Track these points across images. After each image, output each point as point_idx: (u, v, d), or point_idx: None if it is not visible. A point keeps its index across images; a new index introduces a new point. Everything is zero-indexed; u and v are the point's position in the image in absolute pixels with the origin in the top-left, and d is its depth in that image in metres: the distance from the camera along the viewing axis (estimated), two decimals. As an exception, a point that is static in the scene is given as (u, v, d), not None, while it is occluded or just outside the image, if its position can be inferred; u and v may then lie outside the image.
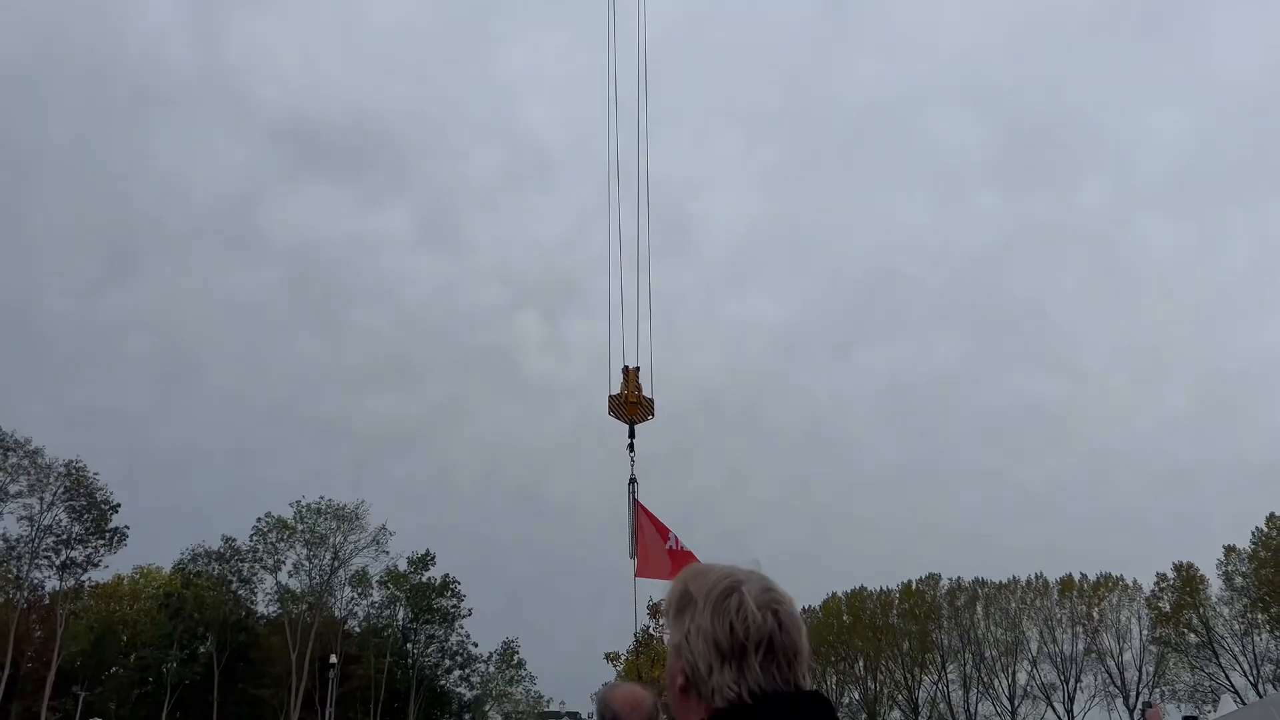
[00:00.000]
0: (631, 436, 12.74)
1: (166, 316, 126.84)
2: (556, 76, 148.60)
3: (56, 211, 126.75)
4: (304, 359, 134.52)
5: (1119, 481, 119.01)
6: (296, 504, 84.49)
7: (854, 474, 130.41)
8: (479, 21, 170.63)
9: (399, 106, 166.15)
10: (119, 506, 77.26)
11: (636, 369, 12.94)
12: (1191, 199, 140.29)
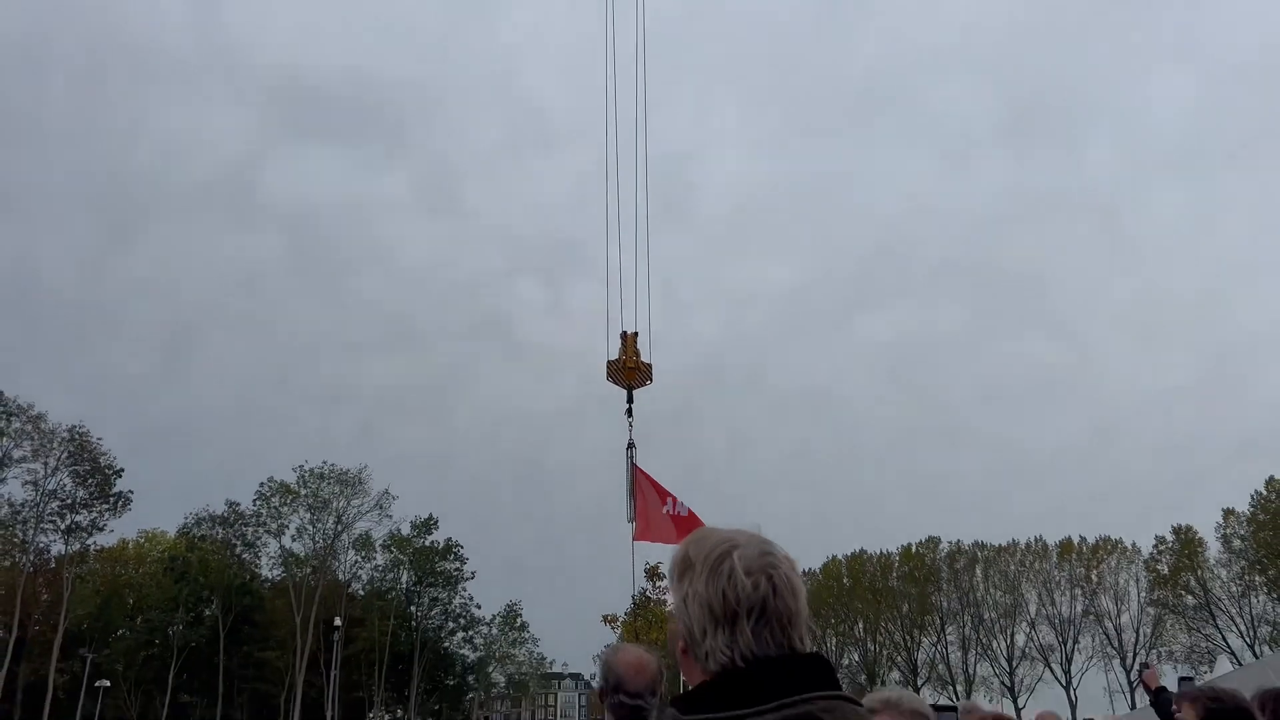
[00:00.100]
0: (630, 402, 12.73)
1: (167, 282, 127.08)
2: (557, 39, 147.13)
3: (56, 178, 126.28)
4: (305, 324, 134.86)
5: (1119, 447, 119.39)
6: (299, 468, 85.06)
7: (855, 439, 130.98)
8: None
9: (398, 70, 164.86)
10: (122, 471, 77.79)
11: (635, 334, 12.91)
12: (1197, 165, 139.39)
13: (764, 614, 1.35)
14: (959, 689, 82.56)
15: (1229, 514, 76.21)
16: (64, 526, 75.95)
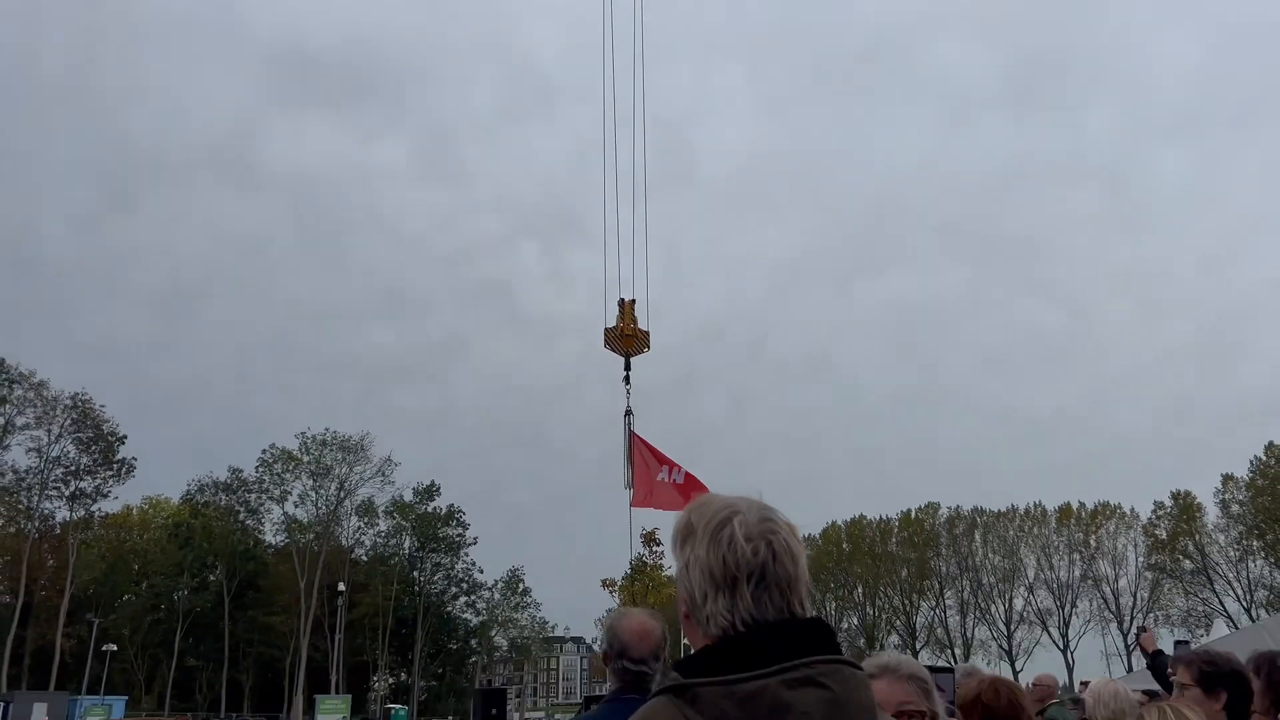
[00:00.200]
0: (627, 369, 12.70)
1: (167, 248, 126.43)
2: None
3: (53, 143, 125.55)
4: (304, 291, 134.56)
5: (1119, 412, 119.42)
6: (302, 435, 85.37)
7: (855, 404, 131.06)
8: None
9: (396, 34, 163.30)
10: (126, 438, 78.16)
11: (632, 301, 12.85)
12: (1200, 129, 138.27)
13: (764, 579, 1.37)
14: (957, 652, 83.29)
15: (1228, 479, 76.49)
16: (68, 493, 76.46)
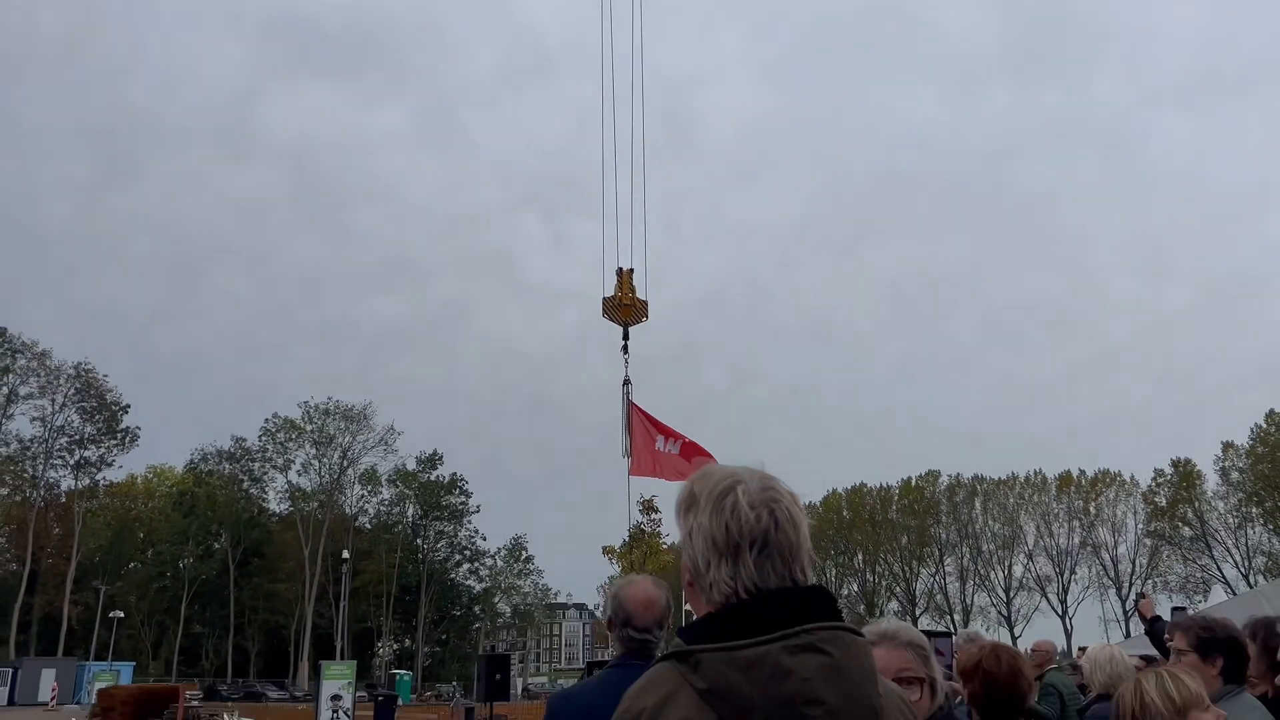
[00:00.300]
0: (625, 339, 12.69)
1: (167, 217, 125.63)
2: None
3: (51, 112, 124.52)
4: (305, 259, 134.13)
5: (1121, 379, 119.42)
6: (305, 404, 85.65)
7: (857, 372, 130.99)
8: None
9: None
10: (129, 407, 78.46)
11: (630, 271, 12.80)
12: (1206, 94, 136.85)
13: (766, 546, 1.38)
14: (956, 619, 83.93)
15: (1228, 447, 76.71)
16: (73, 462, 76.89)
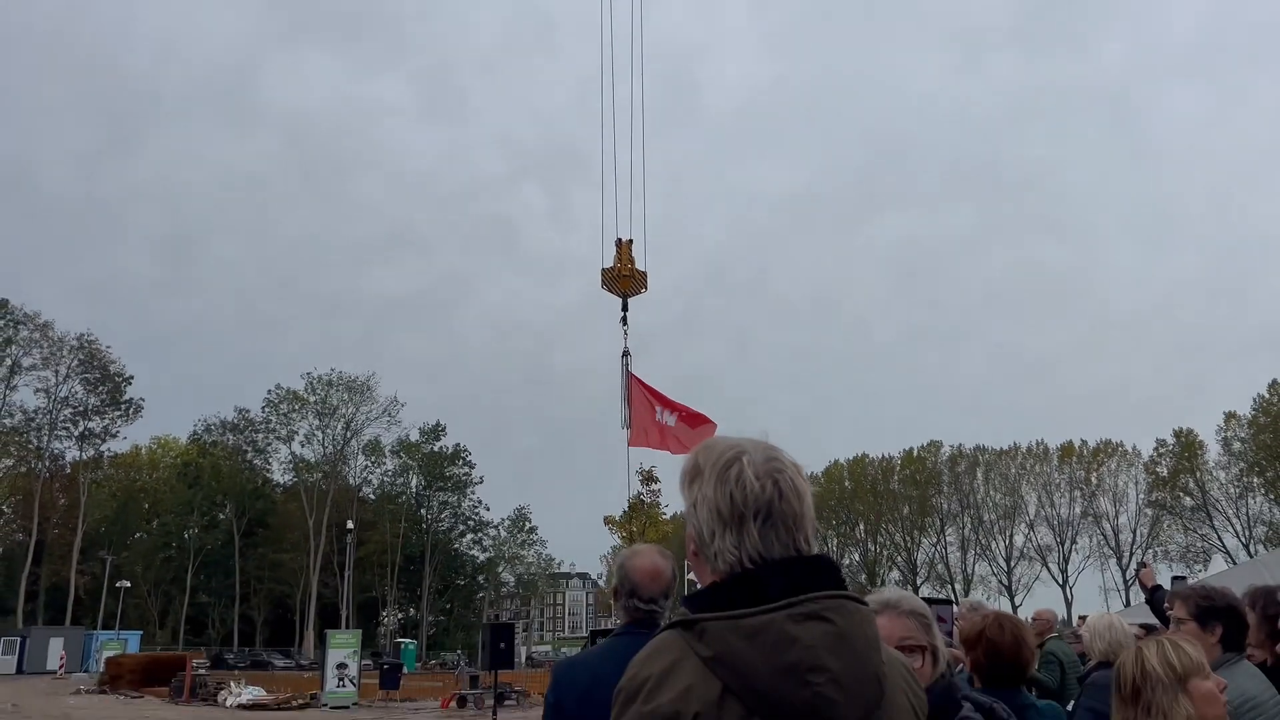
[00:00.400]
0: (624, 310, 12.66)
1: (167, 186, 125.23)
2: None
3: (51, 81, 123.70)
4: (307, 230, 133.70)
5: (1124, 349, 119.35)
6: (308, 376, 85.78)
7: (860, 343, 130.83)
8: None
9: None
10: (132, 378, 78.63)
11: (629, 241, 12.74)
12: (1212, 63, 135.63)
13: (770, 516, 1.39)
14: (957, 588, 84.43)
15: (1230, 417, 76.79)
16: (77, 433, 77.17)
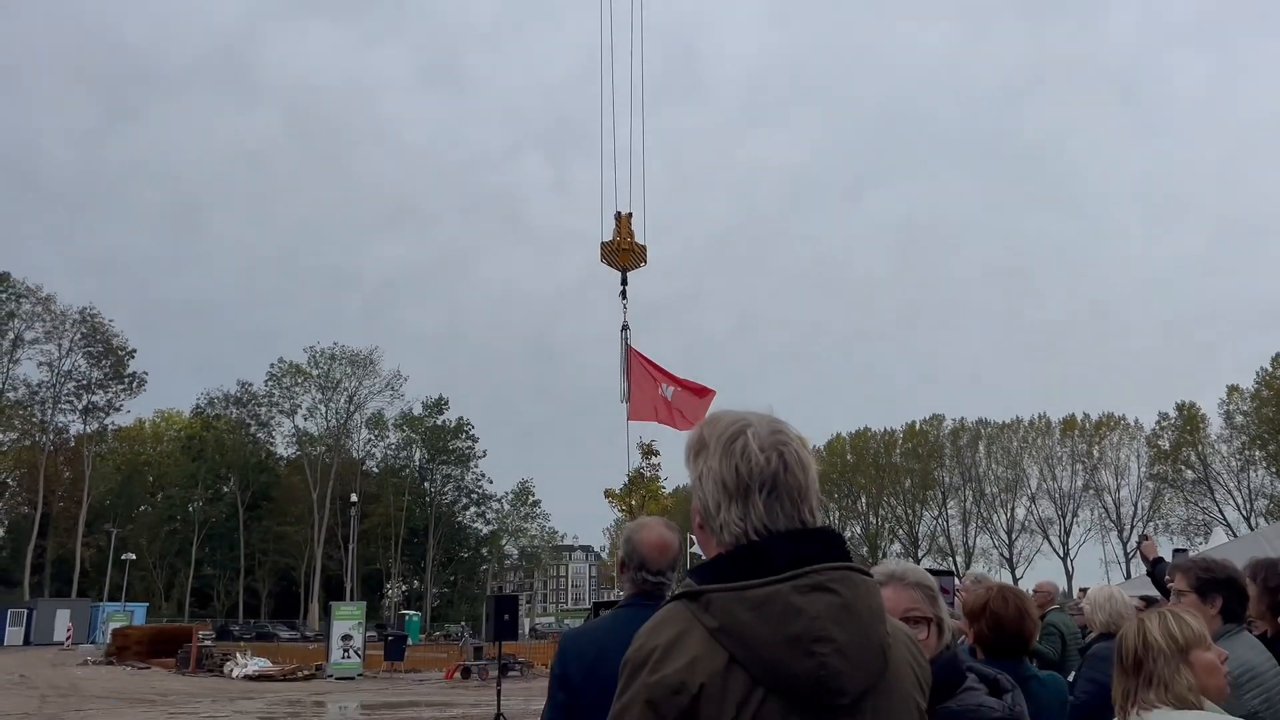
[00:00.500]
0: (624, 284, 12.64)
1: (168, 161, 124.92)
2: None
3: (51, 55, 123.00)
4: (308, 204, 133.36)
5: (1128, 323, 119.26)
6: (310, 349, 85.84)
7: (863, 318, 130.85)
8: None
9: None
10: (135, 352, 78.74)
11: (629, 215, 12.70)
12: (1219, 34, 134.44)
13: (775, 488, 1.40)
14: (959, 560, 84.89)
15: (1233, 390, 76.79)
16: (81, 407, 77.39)
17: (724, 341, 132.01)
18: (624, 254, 12.59)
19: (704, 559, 1.46)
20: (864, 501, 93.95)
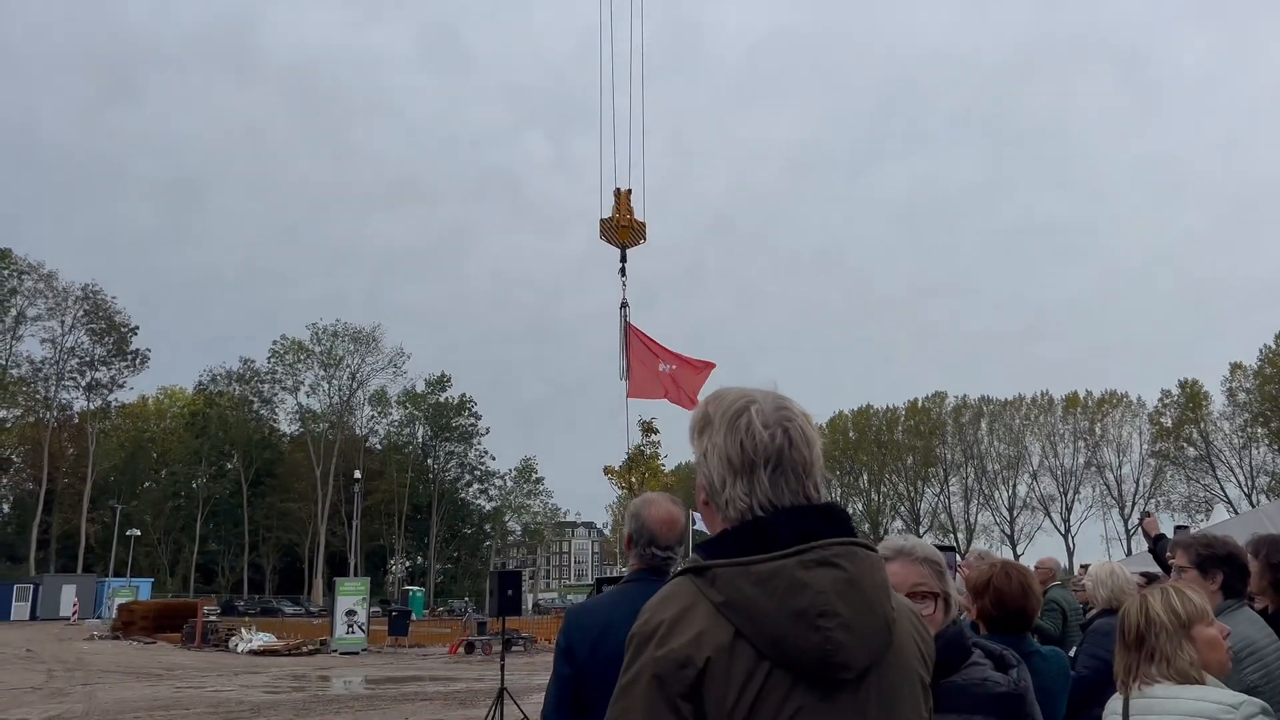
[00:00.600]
0: (623, 261, 12.58)
1: (169, 138, 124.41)
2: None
3: (50, 32, 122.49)
4: (310, 180, 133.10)
5: (1131, 301, 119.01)
6: (313, 326, 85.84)
7: (866, 295, 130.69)
8: None
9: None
10: (138, 329, 78.81)
11: (628, 191, 12.62)
12: (1224, 11, 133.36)
13: (780, 464, 1.41)
14: (960, 537, 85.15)
15: (1236, 368, 76.71)
16: (84, 383, 77.53)
17: (725, 319, 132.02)
18: (623, 230, 12.51)
19: (709, 535, 1.46)
20: (866, 478, 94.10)
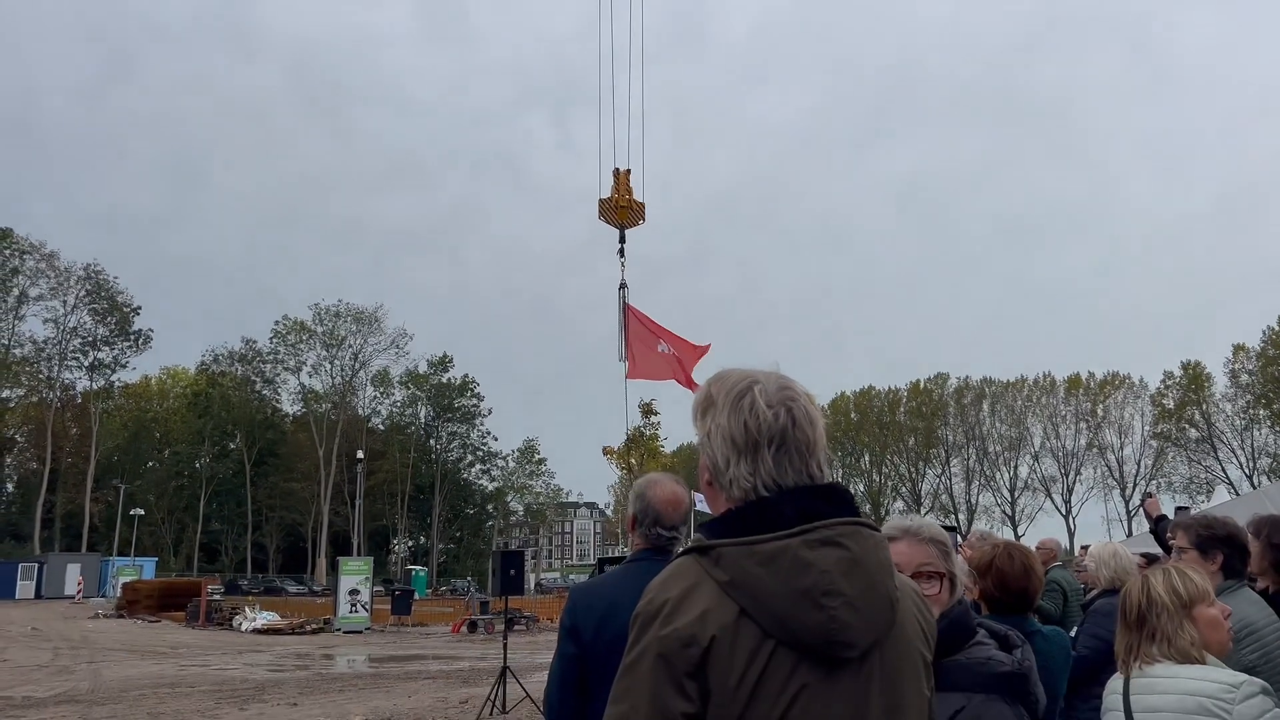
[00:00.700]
0: (622, 241, 12.53)
1: (170, 117, 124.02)
2: None
3: (51, 10, 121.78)
4: (312, 160, 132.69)
5: (1134, 281, 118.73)
6: (315, 306, 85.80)
7: (868, 276, 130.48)
8: None
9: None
10: (140, 309, 78.80)
11: (627, 172, 12.57)
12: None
13: (784, 444, 1.41)
14: (961, 518, 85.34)
15: (1239, 349, 76.63)
16: (87, 363, 77.62)
17: (728, 299, 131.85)
18: (622, 211, 12.47)
19: (713, 515, 1.46)
20: (868, 459, 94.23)
